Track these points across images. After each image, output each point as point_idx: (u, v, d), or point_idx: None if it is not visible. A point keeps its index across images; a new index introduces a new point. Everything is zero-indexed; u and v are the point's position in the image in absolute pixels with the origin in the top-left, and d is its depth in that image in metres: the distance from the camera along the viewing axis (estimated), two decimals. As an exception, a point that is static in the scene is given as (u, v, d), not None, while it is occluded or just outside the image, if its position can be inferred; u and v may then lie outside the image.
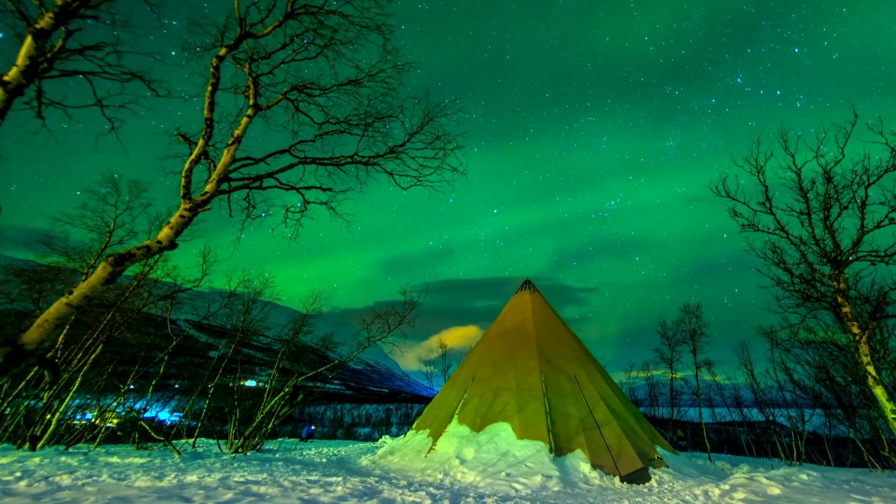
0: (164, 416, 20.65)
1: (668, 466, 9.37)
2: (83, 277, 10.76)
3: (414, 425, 12.71)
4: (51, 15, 5.19)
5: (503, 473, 8.22)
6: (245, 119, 7.11)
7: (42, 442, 10.14)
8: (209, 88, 6.61)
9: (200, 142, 6.50)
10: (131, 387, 12.88)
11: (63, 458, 8.94)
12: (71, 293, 4.98)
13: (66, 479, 6.95)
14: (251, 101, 7.26)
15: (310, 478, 7.74)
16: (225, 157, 6.75)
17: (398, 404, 69.81)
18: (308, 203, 7.58)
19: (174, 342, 12.80)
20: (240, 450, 11.59)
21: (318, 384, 16.68)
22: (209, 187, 6.50)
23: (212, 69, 6.67)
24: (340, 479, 7.64)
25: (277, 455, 11.92)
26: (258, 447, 12.60)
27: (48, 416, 10.60)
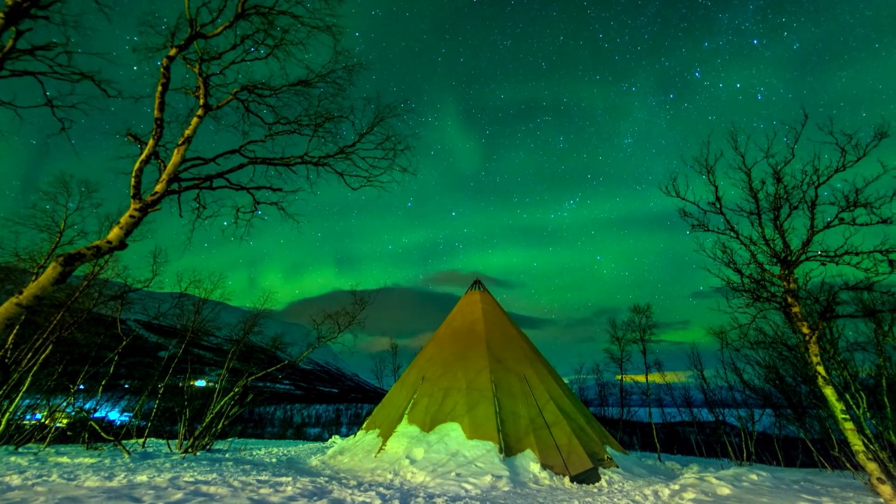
0: (114, 416, 21.92)
1: (617, 466, 10.51)
2: (33, 277, 11.68)
3: (364, 425, 13.82)
4: (0, 15, 6.09)
5: (453, 473, 9.29)
6: (195, 119, 8.01)
7: (-9, 442, 11.11)
8: (159, 88, 7.51)
9: (150, 142, 7.40)
10: (81, 387, 14.02)
11: (13, 458, 9.84)
12: (21, 293, 5.67)
13: (15, 479, 7.73)
14: (201, 102, 8.15)
15: (259, 478, 8.67)
16: (175, 158, 7.68)
17: (348, 404, 75.10)
18: (258, 203, 8.54)
19: (124, 342, 13.92)
20: (189, 450, 12.60)
21: (268, 384, 17.92)
22: (159, 187, 7.42)
23: (162, 69, 7.58)
24: (290, 479, 8.57)
25: (227, 455, 12.89)
26: (208, 447, 13.65)
27: (-3, 416, 11.59)
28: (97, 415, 16.65)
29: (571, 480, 9.66)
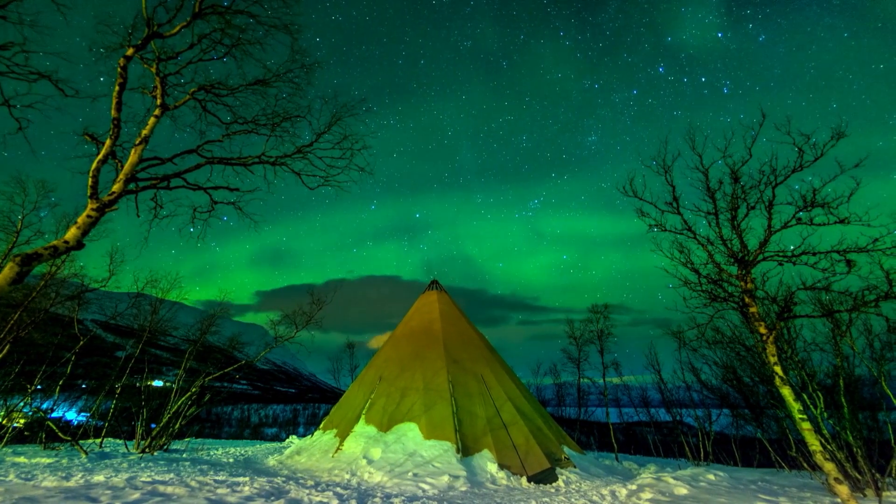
0: (72, 416, 23.01)
1: (575, 467, 11.50)
2: (-11, 278, 12.54)
3: (321, 425, 14.86)
4: (-43, 17, 6.91)
5: (410, 473, 10.22)
6: (152, 119, 8.83)
7: (-51, 443, 11.98)
8: (116, 88, 8.31)
9: (108, 142, 8.21)
10: (38, 387, 14.99)
11: (-30, 459, 10.72)
12: (-22, 293, 6.66)
13: (-28, 480, 8.63)
14: (158, 101, 8.97)
15: (217, 478, 9.52)
16: (132, 157, 8.50)
17: (305, 404, 79.19)
18: (216, 203, 9.41)
19: (81, 342, 14.89)
20: (147, 450, 13.51)
21: (226, 384, 18.96)
22: (116, 187, 8.25)
23: (119, 69, 8.39)
24: (247, 478, 9.41)
25: (184, 455, 13.84)
26: (165, 447, 14.62)
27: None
28: (54, 415, 17.67)
29: (529, 480, 10.63)
